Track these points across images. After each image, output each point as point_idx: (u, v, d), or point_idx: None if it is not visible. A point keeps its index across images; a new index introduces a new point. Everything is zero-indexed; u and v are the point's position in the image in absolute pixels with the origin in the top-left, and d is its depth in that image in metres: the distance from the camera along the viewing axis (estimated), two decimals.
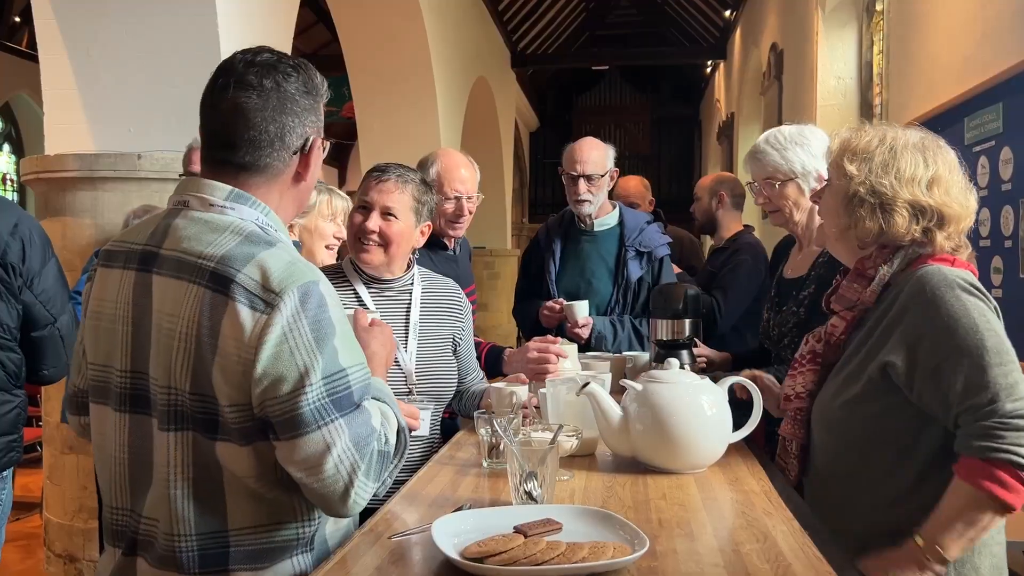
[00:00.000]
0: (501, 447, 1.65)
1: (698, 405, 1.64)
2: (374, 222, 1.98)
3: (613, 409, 1.70)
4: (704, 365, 2.46)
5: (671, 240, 3.22)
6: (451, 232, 2.74)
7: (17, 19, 11.11)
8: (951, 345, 1.44)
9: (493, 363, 2.44)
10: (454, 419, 2.42)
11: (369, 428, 1.22)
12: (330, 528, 1.37)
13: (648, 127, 16.94)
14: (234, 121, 1.28)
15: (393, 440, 1.29)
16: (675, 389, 1.66)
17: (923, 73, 4.11)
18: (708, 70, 13.31)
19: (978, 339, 1.43)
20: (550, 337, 2.35)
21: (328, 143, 1.40)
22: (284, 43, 4.08)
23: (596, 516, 1.29)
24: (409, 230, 2.02)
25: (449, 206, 2.67)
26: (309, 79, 1.33)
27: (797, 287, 2.18)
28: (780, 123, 3.78)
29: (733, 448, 1.71)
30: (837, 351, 1.66)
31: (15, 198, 12.21)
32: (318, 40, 11.93)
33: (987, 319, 1.44)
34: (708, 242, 3.87)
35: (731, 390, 1.70)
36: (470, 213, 2.74)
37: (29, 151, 11.90)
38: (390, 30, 6.79)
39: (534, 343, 2.30)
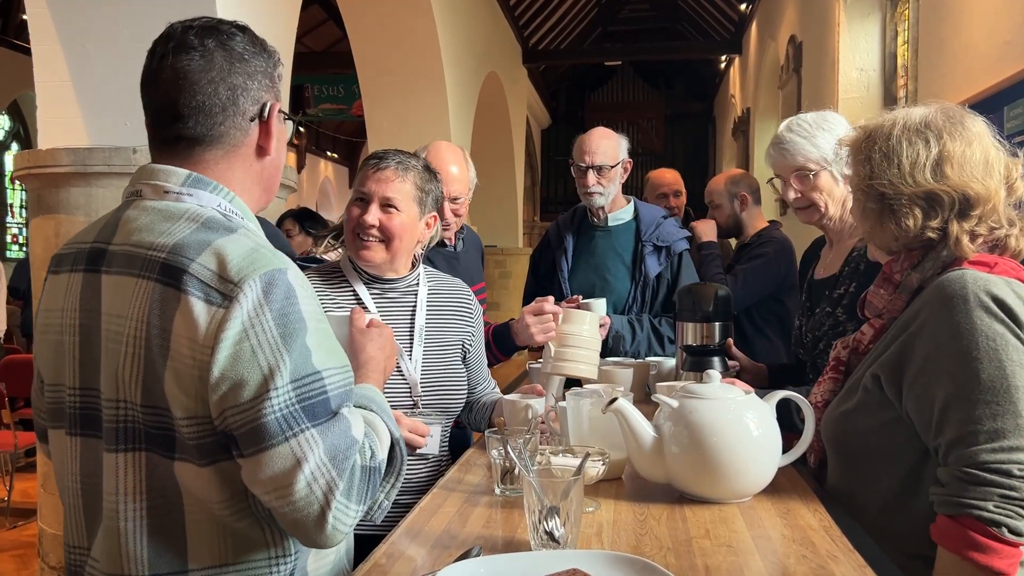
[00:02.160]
0: (516, 471, 1.45)
1: (743, 424, 1.41)
2: (373, 215, 1.78)
3: (645, 429, 1.47)
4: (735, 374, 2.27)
5: (690, 235, 3.06)
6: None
7: (24, 17, 11.05)
8: (940, 366, 1.24)
9: (503, 341, 2.30)
10: (464, 430, 2.23)
11: (349, 439, 1.03)
12: (313, 564, 1.17)
13: (662, 123, 16.74)
14: (178, 88, 1.11)
15: (382, 455, 1.10)
16: (716, 406, 1.43)
17: (956, 61, 3.90)
18: (723, 65, 13.10)
19: (973, 368, 1.21)
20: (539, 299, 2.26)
21: (293, 119, 1.24)
22: (287, 41, 3.93)
23: (633, 567, 1.05)
24: (412, 223, 1.82)
25: None
26: (257, 40, 1.18)
27: (830, 287, 2.00)
28: None
29: (779, 473, 1.49)
30: (862, 360, 1.48)
31: (24, 196, 12.23)
32: (327, 38, 11.84)
33: (995, 347, 1.21)
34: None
35: (780, 406, 1.49)
36: (458, 216, 2.55)
37: None
38: (400, 26, 6.72)
39: (527, 310, 2.21)
